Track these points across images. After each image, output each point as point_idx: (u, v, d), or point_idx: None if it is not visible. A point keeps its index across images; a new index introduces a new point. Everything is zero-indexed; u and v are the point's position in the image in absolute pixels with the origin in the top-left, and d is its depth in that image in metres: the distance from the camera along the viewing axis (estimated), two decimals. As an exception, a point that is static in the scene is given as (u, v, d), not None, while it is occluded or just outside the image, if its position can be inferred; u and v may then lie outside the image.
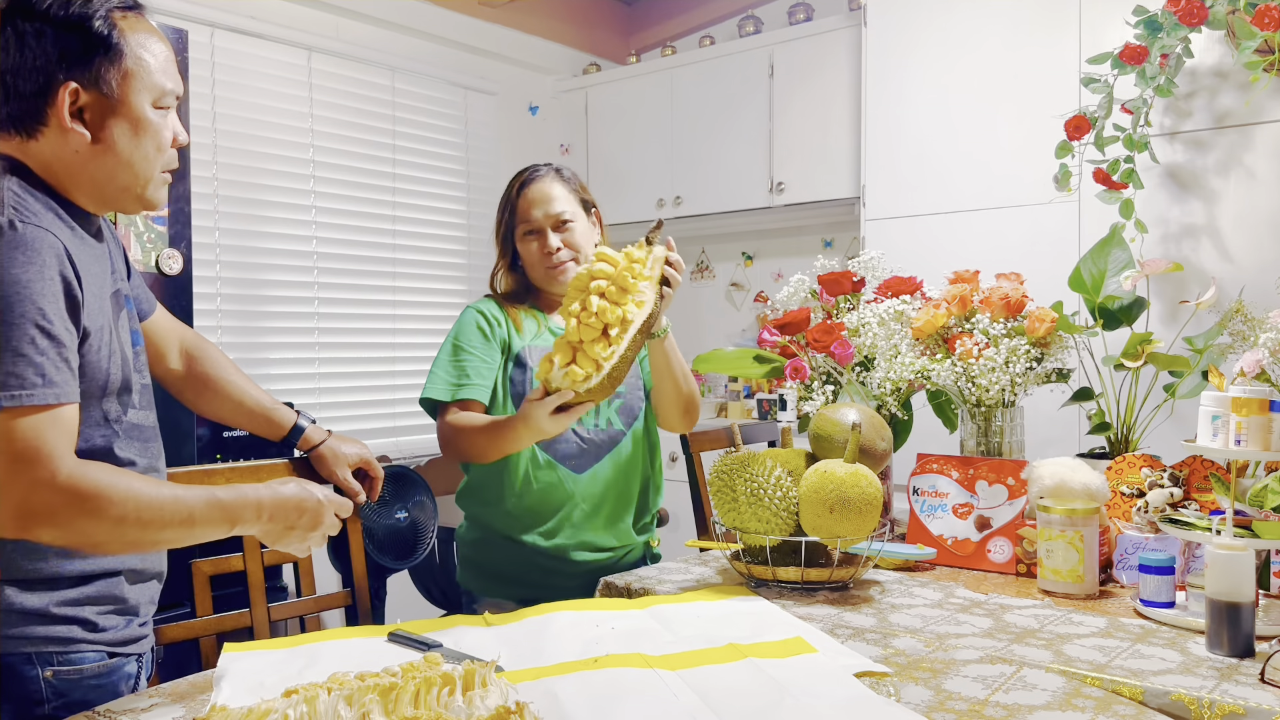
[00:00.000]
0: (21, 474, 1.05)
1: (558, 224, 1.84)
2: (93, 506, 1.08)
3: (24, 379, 1.06)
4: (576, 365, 1.51)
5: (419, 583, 3.41)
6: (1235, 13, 2.33)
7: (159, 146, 1.22)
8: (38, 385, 1.07)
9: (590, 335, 1.51)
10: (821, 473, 1.53)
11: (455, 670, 1.03)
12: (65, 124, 1.14)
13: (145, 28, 1.20)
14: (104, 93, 1.16)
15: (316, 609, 1.62)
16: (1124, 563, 1.62)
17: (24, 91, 1.13)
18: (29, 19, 1.13)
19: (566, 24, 4.48)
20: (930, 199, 3.20)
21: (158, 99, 1.20)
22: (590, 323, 1.51)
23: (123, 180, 1.20)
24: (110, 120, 1.17)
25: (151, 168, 1.22)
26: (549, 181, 1.87)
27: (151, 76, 1.19)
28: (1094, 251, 2.06)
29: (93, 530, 1.09)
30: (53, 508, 1.06)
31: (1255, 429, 1.39)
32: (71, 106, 1.14)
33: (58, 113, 1.14)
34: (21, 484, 1.05)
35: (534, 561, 1.82)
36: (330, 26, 3.58)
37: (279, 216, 3.43)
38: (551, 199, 1.84)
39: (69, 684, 1.18)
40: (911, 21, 3.24)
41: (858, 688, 1.12)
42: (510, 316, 1.86)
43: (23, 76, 1.13)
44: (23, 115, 1.14)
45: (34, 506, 1.06)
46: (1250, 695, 1.11)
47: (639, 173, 4.21)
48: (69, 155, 1.16)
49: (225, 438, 2.61)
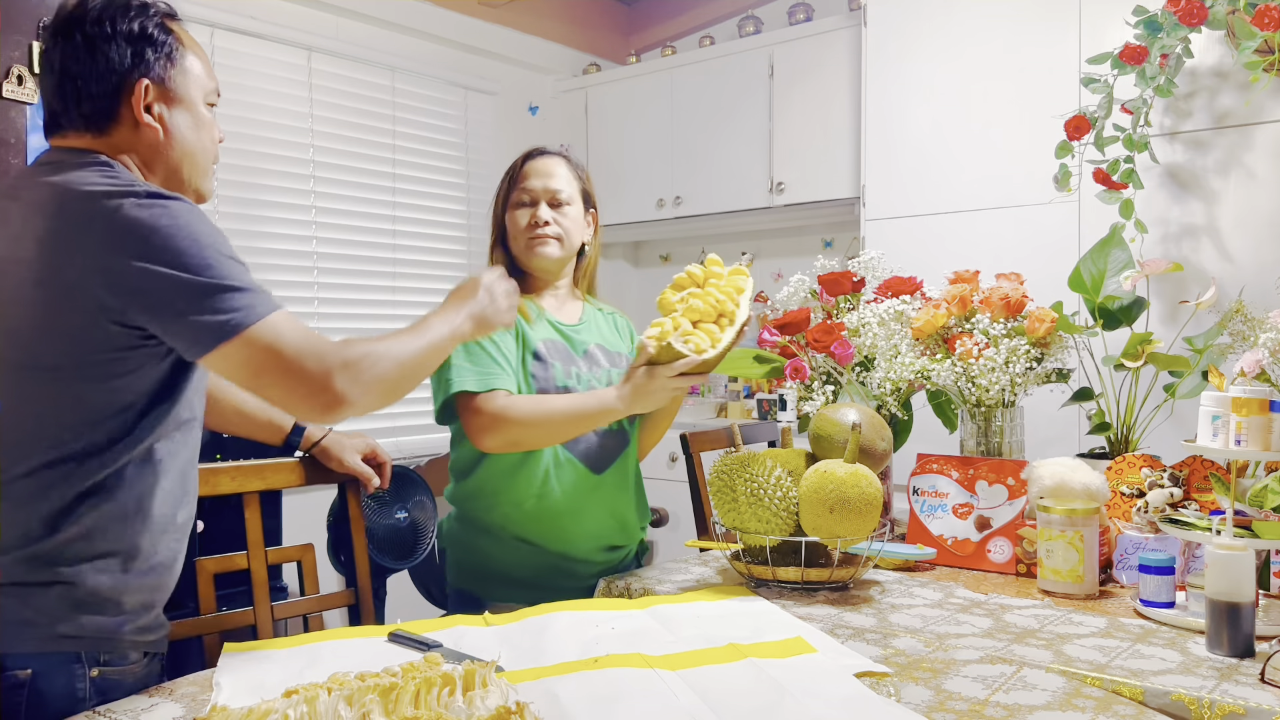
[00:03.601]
0: (304, 373, 1.15)
1: (553, 199, 1.82)
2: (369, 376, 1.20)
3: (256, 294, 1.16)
4: (696, 336, 1.63)
5: (419, 583, 3.40)
6: (1235, 13, 2.33)
7: (212, 139, 1.33)
8: (268, 299, 1.18)
9: (709, 316, 1.66)
10: (821, 473, 1.53)
11: (455, 670, 1.03)
12: (140, 118, 1.24)
13: (189, 35, 1.32)
14: (169, 89, 1.27)
15: (318, 608, 1.63)
16: (1124, 563, 1.62)
17: (95, 93, 1.23)
18: (97, 25, 1.22)
19: (566, 24, 4.48)
20: (930, 199, 3.20)
21: (207, 96, 1.32)
22: (713, 303, 1.67)
23: (186, 171, 1.30)
24: (175, 115, 1.28)
25: (208, 159, 1.33)
26: (556, 160, 1.86)
27: (202, 76, 1.31)
28: (1094, 251, 2.06)
29: (376, 393, 1.21)
30: (341, 390, 1.17)
31: (1255, 429, 1.39)
32: (145, 101, 1.24)
33: (132, 109, 1.24)
34: (309, 381, 1.16)
35: (548, 563, 1.78)
36: (330, 26, 3.58)
37: (279, 216, 3.43)
38: (553, 174, 1.84)
39: (112, 683, 1.20)
40: (911, 21, 3.24)
41: (858, 688, 1.12)
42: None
43: (94, 79, 1.22)
44: (96, 114, 1.23)
45: (329, 395, 1.16)
46: (1250, 695, 1.11)
47: (639, 173, 4.21)
48: (142, 149, 1.26)
49: (226, 438, 2.61)
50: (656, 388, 1.63)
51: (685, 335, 1.63)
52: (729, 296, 1.70)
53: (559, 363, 1.78)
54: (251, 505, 1.53)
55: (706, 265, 1.76)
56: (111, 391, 1.17)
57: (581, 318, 1.89)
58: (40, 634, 1.15)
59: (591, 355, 1.83)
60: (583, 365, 1.81)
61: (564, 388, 1.76)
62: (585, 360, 1.82)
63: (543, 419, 1.69)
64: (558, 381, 1.76)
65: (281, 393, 1.17)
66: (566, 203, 1.83)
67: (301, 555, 1.64)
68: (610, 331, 1.93)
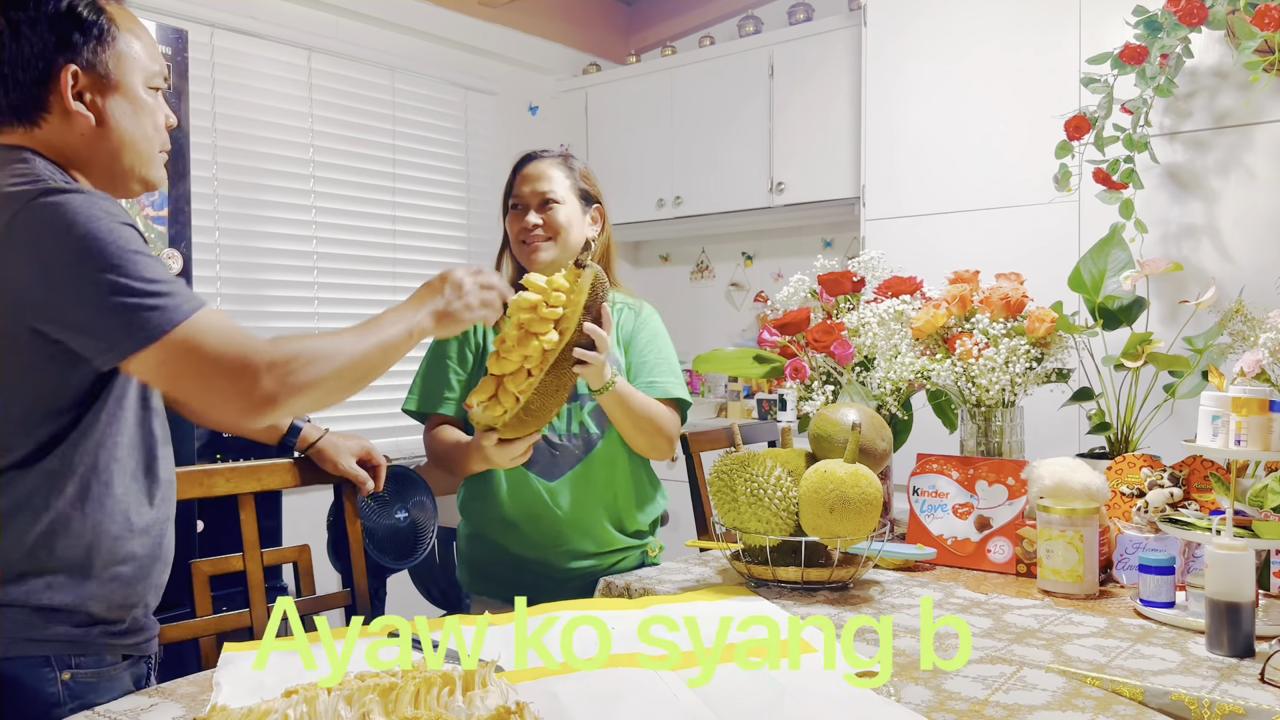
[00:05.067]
0: (228, 374, 1.09)
1: (541, 202, 1.83)
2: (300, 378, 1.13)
3: (172, 296, 1.09)
4: (499, 399, 1.53)
5: (419, 583, 3.40)
6: (1235, 13, 2.33)
7: (156, 125, 1.25)
8: (188, 296, 1.11)
9: (509, 368, 1.53)
10: (821, 473, 1.53)
11: (455, 670, 1.03)
12: (69, 107, 1.17)
13: (127, 14, 1.24)
14: (101, 74, 1.19)
15: (316, 609, 1.62)
16: (1124, 563, 1.62)
17: (23, 80, 1.16)
18: (19, 9, 1.15)
19: (566, 24, 4.48)
20: (930, 199, 3.20)
21: (148, 79, 1.24)
22: (510, 356, 1.52)
23: (127, 160, 1.23)
24: (110, 101, 1.20)
25: (152, 146, 1.25)
26: (546, 163, 1.87)
27: (141, 58, 1.23)
28: (1094, 251, 2.06)
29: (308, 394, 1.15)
30: (268, 391, 1.11)
31: (1255, 429, 1.39)
32: (73, 89, 1.17)
33: (61, 97, 1.17)
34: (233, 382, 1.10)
35: (524, 567, 1.82)
36: (330, 26, 3.58)
37: (279, 217, 3.43)
38: (541, 177, 1.84)
39: (86, 686, 1.18)
40: (911, 21, 3.24)
41: (858, 687, 1.12)
42: None
43: (21, 66, 1.15)
44: (24, 104, 1.17)
45: (256, 396, 1.10)
46: (1250, 695, 1.11)
47: (639, 173, 4.20)
48: (75, 139, 1.19)
49: (225, 438, 2.61)
50: (495, 455, 1.59)
51: (484, 407, 1.54)
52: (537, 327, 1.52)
53: None
54: (247, 506, 1.52)
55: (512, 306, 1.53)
56: (37, 400, 1.12)
57: None
58: (6, 638, 1.13)
59: None
60: None
61: None
62: None
63: (440, 456, 1.77)
64: None
65: (203, 396, 1.11)
66: (558, 202, 1.83)
67: (298, 556, 1.64)
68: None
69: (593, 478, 1.82)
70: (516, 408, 1.51)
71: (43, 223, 1.07)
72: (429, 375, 1.83)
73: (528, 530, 1.80)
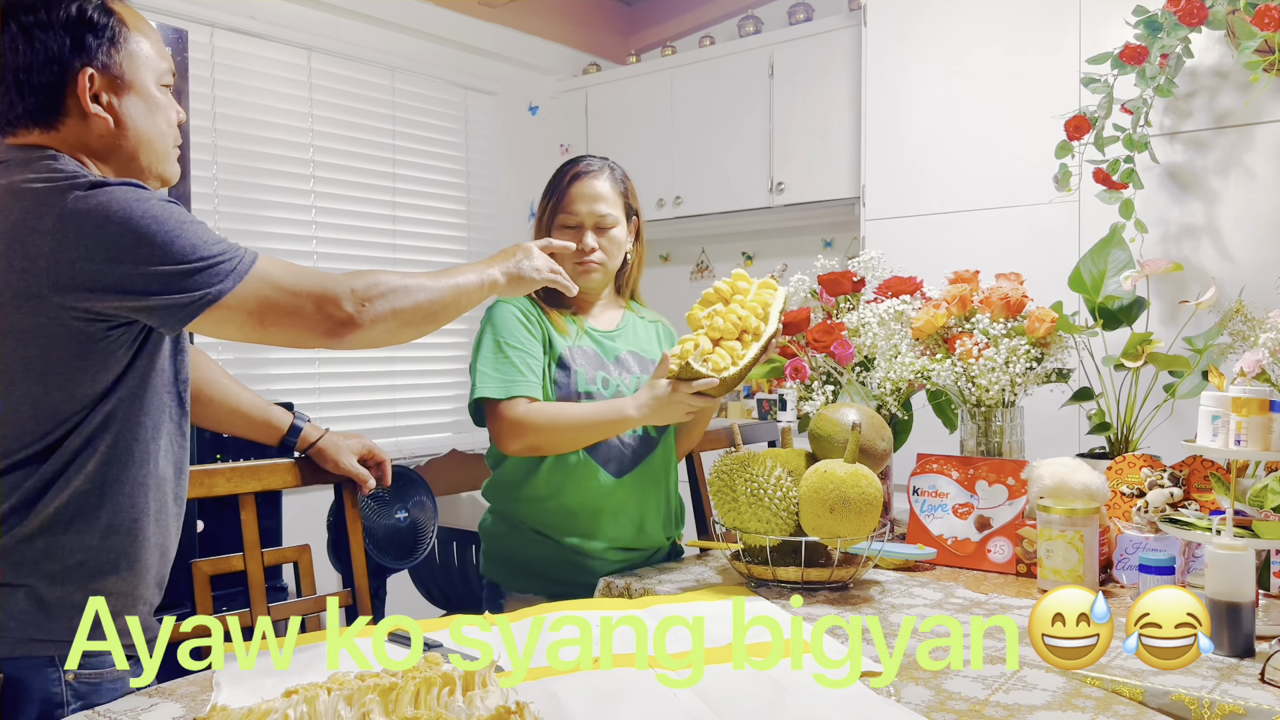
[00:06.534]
0: (307, 300, 1.19)
1: (599, 225, 1.82)
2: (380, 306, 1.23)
3: (236, 250, 1.17)
4: (716, 356, 1.64)
5: (419, 583, 3.41)
6: (1235, 13, 2.33)
7: (169, 122, 1.28)
8: (248, 251, 1.18)
9: (730, 334, 1.66)
10: (821, 473, 1.53)
11: (455, 670, 1.03)
12: (88, 109, 1.19)
13: (134, 14, 1.26)
14: (115, 75, 1.21)
15: (316, 609, 1.62)
16: (1124, 563, 1.62)
17: (40, 85, 1.17)
18: (31, 13, 1.17)
19: (566, 24, 4.48)
20: (930, 199, 3.19)
21: (159, 77, 1.27)
22: (735, 321, 1.67)
23: (144, 159, 1.26)
24: (125, 101, 1.22)
25: (166, 143, 1.28)
26: (602, 180, 1.84)
27: (152, 57, 1.25)
28: (1094, 251, 2.06)
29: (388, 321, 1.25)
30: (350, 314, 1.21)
31: (1255, 429, 1.39)
32: (90, 91, 1.19)
33: (79, 100, 1.19)
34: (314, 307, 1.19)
35: (566, 558, 1.79)
36: (330, 26, 3.58)
37: (279, 216, 3.43)
38: (599, 197, 1.82)
39: (91, 686, 1.18)
40: (911, 21, 3.24)
41: (858, 688, 1.12)
42: (548, 316, 1.82)
43: (36, 71, 1.17)
44: (42, 108, 1.19)
45: (340, 316, 1.20)
46: (1250, 695, 1.11)
47: (639, 173, 4.16)
48: (93, 140, 1.21)
49: (225, 438, 2.61)
50: (674, 404, 1.64)
51: (704, 355, 1.63)
52: (753, 311, 1.68)
53: (584, 368, 1.78)
54: (247, 506, 1.52)
55: (732, 280, 1.74)
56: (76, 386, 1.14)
57: (620, 324, 1.90)
58: (11, 638, 1.14)
59: (623, 361, 1.84)
60: (613, 370, 1.82)
61: (585, 393, 1.77)
62: (616, 366, 1.83)
63: (560, 426, 1.72)
64: (578, 387, 1.77)
65: (290, 327, 1.19)
66: (613, 225, 1.83)
67: (299, 556, 1.64)
68: (648, 339, 1.93)
69: (654, 477, 1.85)
70: (737, 367, 1.63)
71: (97, 210, 1.10)
72: (499, 363, 1.75)
73: (586, 523, 1.78)
